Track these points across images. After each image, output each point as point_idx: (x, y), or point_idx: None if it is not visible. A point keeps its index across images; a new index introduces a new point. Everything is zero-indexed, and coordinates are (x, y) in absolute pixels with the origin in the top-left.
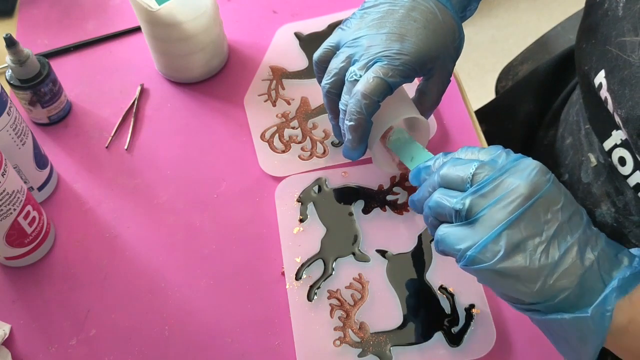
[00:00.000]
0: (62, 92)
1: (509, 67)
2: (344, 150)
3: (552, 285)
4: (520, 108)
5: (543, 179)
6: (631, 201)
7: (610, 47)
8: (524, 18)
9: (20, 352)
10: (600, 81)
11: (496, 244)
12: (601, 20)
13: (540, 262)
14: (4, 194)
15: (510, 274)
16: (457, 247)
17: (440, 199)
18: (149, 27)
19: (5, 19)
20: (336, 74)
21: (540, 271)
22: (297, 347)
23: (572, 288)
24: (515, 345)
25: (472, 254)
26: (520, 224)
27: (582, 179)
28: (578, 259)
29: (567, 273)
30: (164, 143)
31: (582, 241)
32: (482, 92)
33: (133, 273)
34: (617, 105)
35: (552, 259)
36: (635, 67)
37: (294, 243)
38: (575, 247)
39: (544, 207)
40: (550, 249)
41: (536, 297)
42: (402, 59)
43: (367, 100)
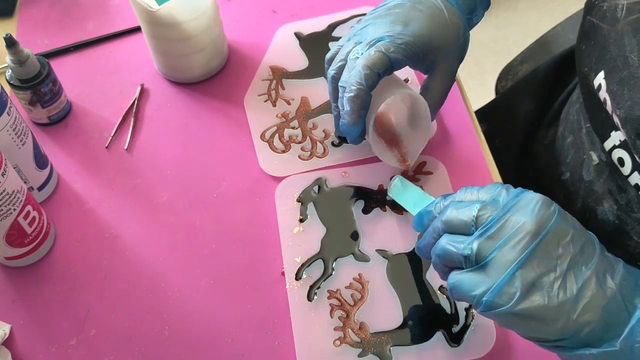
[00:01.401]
0: (62, 92)
1: (509, 67)
2: (342, 125)
3: (575, 320)
4: (520, 108)
5: (548, 212)
6: (634, 198)
7: (609, 48)
8: (523, 18)
9: (20, 352)
10: (600, 82)
11: (511, 286)
12: (600, 21)
13: (560, 299)
14: (4, 194)
15: (530, 314)
16: (473, 294)
17: (447, 246)
18: (149, 27)
19: (5, 19)
20: (342, 60)
21: (560, 308)
22: (297, 347)
23: (597, 321)
24: (515, 345)
25: (489, 299)
26: (533, 262)
27: (584, 177)
28: (598, 290)
29: (589, 306)
30: (164, 143)
31: (600, 270)
32: (482, 92)
33: (133, 273)
34: (616, 105)
35: (571, 293)
36: (634, 68)
37: (294, 243)
38: (593, 278)
39: (554, 241)
40: (567, 284)
41: (560, 335)
42: (404, 38)
43: (367, 71)
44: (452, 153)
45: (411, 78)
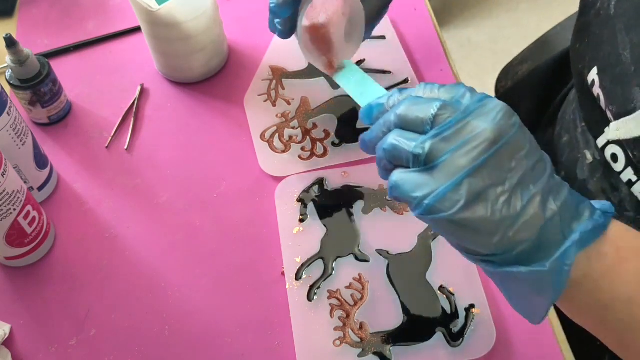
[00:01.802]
0: (62, 92)
1: (508, 67)
2: (270, 3)
3: (511, 237)
4: (519, 108)
5: (510, 122)
6: (626, 197)
7: (602, 45)
8: (524, 18)
9: (20, 352)
10: (593, 78)
11: (456, 193)
12: (594, 20)
13: (502, 214)
14: (4, 194)
15: (468, 225)
16: (414, 195)
17: (397, 142)
18: (149, 27)
19: (5, 19)
20: None
21: (500, 223)
22: (297, 347)
23: (532, 240)
24: (515, 345)
25: (430, 203)
26: (484, 172)
27: (578, 175)
28: (540, 210)
29: (528, 225)
30: (164, 143)
31: (546, 191)
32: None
33: (133, 273)
34: (609, 101)
35: (514, 210)
36: (627, 65)
37: (294, 243)
38: (538, 197)
39: (509, 153)
40: (512, 200)
41: (494, 250)
42: None
43: None
44: None
45: (411, 78)
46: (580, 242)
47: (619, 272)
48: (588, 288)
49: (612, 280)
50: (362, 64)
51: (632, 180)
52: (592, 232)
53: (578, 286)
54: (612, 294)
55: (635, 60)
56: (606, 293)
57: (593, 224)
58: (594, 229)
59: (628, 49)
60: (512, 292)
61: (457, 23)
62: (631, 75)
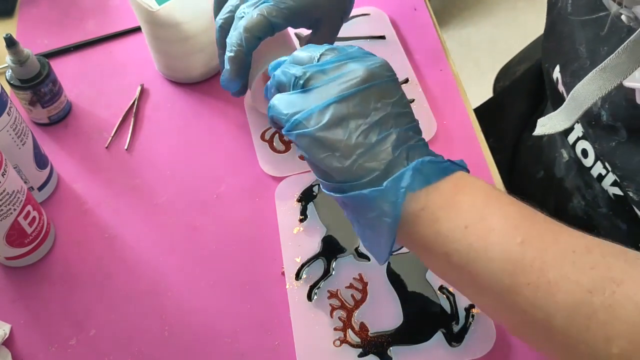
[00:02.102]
0: (62, 92)
1: (507, 67)
2: (222, 79)
3: (361, 165)
4: (513, 109)
5: (384, 72)
6: (599, 194)
7: (563, 43)
8: (523, 18)
9: (20, 352)
10: (557, 76)
11: (322, 114)
12: (556, 18)
13: (357, 140)
14: (4, 194)
15: (327, 144)
16: (285, 112)
17: (285, 67)
18: (149, 27)
19: (5, 19)
20: (230, 11)
21: (354, 149)
22: (297, 347)
23: (379, 171)
24: (515, 345)
25: (298, 118)
26: (349, 102)
27: (555, 174)
28: (391, 148)
29: (377, 155)
30: (164, 143)
31: (402, 136)
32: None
33: (133, 273)
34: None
35: (369, 141)
36: (583, 59)
37: (294, 243)
38: (393, 137)
39: (377, 95)
40: (370, 133)
41: (345, 175)
42: (287, 3)
43: (247, 34)
44: (452, 153)
45: (411, 78)
46: (419, 172)
47: (455, 202)
48: (427, 219)
49: (449, 210)
50: None
51: (602, 174)
52: (434, 171)
53: (418, 219)
54: (449, 223)
55: (590, 54)
56: (444, 223)
57: (432, 160)
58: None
59: (584, 44)
60: (362, 224)
61: (457, 23)
62: (587, 69)
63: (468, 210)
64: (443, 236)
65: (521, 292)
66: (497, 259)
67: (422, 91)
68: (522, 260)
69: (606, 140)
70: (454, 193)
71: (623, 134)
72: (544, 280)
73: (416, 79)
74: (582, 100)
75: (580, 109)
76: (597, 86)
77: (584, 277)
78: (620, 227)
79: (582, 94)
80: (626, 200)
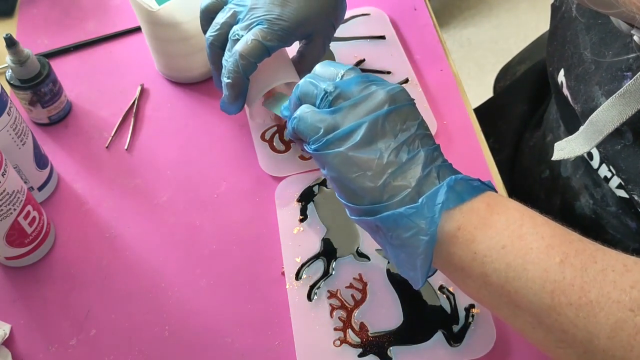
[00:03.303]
0: (62, 92)
1: (507, 67)
2: (221, 104)
3: (392, 184)
4: (513, 108)
5: (405, 97)
6: (608, 192)
7: (567, 47)
8: (524, 18)
9: (20, 352)
10: (561, 79)
11: (353, 134)
12: (559, 22)
13: (389, 159)
14: (4, 194)
15: (359, 163)
16: (318, 127)
17: (311, 80)
18: (149, 27)
19: (5, 19)
20: (220, 28)
21: (386, 167)
22: (297, 347)
23: (411, 189)
24: (515, 345)
25: (331, 139)
26: (378, 123)
27: (561, 173)
28: (420, 166)
29: (408, 175)
30: (164, 143)
31: (429, 156)
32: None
33: (133, 273)
34: (574, 101)
35: (400, 160)
36: (588, 63)
37: (294, 243)
38: (421, 156)
39: (402, 117)
40: (400, 152)
41: (376, 194)
42: (281, 24)
43: (244, 61)
44: (452, 153)
45: (411, 78)
46: (452, 190)
47: (491, 222)
48: (464, 240)
49: (485, 230)
50: (362, 64)
51: (607, 176)
52: (466, 189)
53: (454, 239)
54: (486, 243)
55: (595, 58)
56: (481, 243)
57: (465, 178)
58: (466, 183)
59: (588, 48)
60: (396, 246)
61: (457, 23)
62: (592, 74)
63: (504, 230)
64: (481, 256)
65: (562, 311)
66: (537, 278)
67: (422, 91)
68: (563, 280)
69: (611, 143)
70: (488, 212)
71: (629, 137)
72: (585, 300)
73: (416, 79)
74: (602, 126)
75: (600, 135)
76: (617, 112)
77: (625, 296)
78: (630, 225)
79: (602, 120)
80: (632, 202)
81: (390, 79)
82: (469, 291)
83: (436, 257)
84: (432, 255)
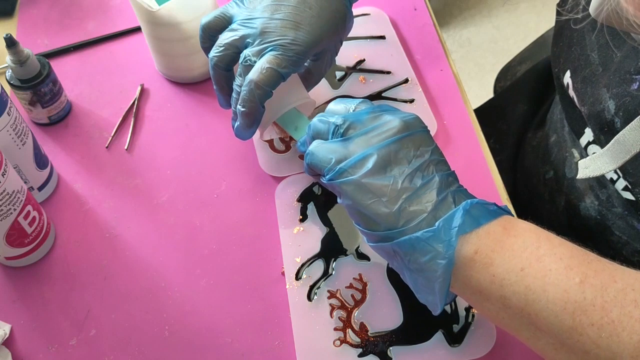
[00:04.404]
0: (62, 92)
1: (507, 67)
2: (235, 130)
3: (407, 209)
4: (514, 109)
5: (418, 124)
6: (613, 193)
7: (573, 48)
8: (523, 18)
9: (20, 352)
10: (567, 81)
11: (365, 162)
12: (566, 24)
13: (403, 185)
14: (4, 194)
15: (373, 189)
16: (329, 158)
17: (322, 117)
18: (149, 27)
19: (5, 19)
20: (226, 48)
21: (400, 193)
22: (297, 347)
23: (427, 213)
24: (515, 345)
25: (342, 167)
26: (391, 149)
27: (566, 174)
28: (435, 191)
29: (423, 200)
30: (164, 143)
31: (444, 181)
32: (481, 93)
33: (133, 273)
34: (581, 103)
35: (414, 185)
36: (595, 65)
37: (294, 243)
38: (436, 181)
39: (415, 144)
40: (414, 177)
41: (392, 220)
42: (295, 49)
43: (259, 90)
44: (452, 153)
45: (411, 78)
46: (471, 218)
47: (508, 245)
48: (482, 263)
49: (503, 253)
50: (362, 64)
51: (613, 178)
52: (482, 213)
53: (472, 262)
54: (504, 266)
55: (603, 60)
56: (499, 266)
57: (480, 202)
58: (481, 206)
59: (595, 50)
60: (413, 271)
61: (457, 23)
62: (599, 76)
63: (521, 253)
64: (499, 279)
65: (584, 332)
66: (557, 300)
67: (422, 91)
68: (583, 301)
69: None
70: (504, 236)
71: None
72: (607, 320)
73: (416, 79)
74: (630, 145)
75: (628, 154)
76: None
77: None
78: (636, 226)
79: (630, 140)
80: (638, 204)
81: (390, 79)
82: (488, 314)
83: (454, 281)
84: (450, 277)
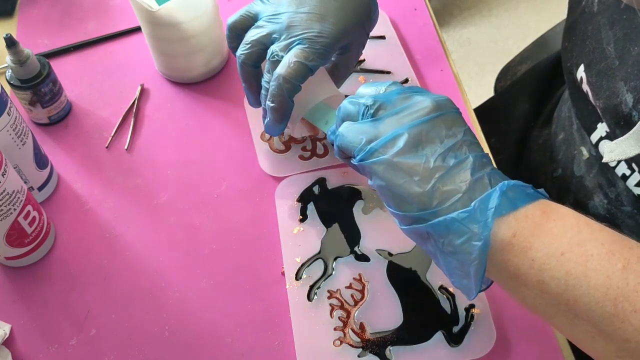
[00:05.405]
0: (62, 92)
1: (507, 67)
2: (266, 127)
3: (441, 189)
4: (516, 108)
5: (450, 105)
6: (623, 192)
7: (587, 42)
8: (523, 18)
9: (20, 352)
10: (581, 75)
11: (397, 141)
12: (579, 17)
13: (436, 163)
14: (4, 194)
15: (405, 168)
16: (360, 138)
17: (352, 99)
18: (149, 27)
19: (5, 19)
20: (253, 45)
21: (433, 172)
22: (297, 347)
23: (461, 193)
24: (515, 345)
25: (373, 147)
26: (423, 129)
27: (574, 172)
28: (469, 171)
29: (457, 179)
30: (164, 143)
31: (478, 162)
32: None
33: (133, 273)
34: (595, 97)
35: (447, 164)
36: (611, 59)
37: (294, 243)
38: (470, 161)
39: (447, 124)
40: (447, 156)
41: (425, 200)
42: (322, 42)
43: (288, 85)
44: None
45: (411, 78)
46: (508, 200)
47: (548, 229)
48: (520, 247)
49: (542, 237)
50: (362, 64)
51: (626, 174)
52: (519, 196)
53: (510, 246)
54: (544, 250)
55: (619, 53)
56: (539, 250)
57: (520, 184)
58: (519, 188)
59: (612, 43)
60: (447, 254)
61: (457, 23)
62: (615, 69)
63: (562, 237)
64: (538, 264)
65: (626, 319)
66: (599, 286)
67: None
68: (626, 287)
69: None
70: (543, 219)
71: None
72: None
73: (416, 79)
74: None
75: None
76: None
77: None
78: None
79: None
80: None
81: (390, 78)
82: (523, 300)
83: (490, 265)
84: (486, 260)
